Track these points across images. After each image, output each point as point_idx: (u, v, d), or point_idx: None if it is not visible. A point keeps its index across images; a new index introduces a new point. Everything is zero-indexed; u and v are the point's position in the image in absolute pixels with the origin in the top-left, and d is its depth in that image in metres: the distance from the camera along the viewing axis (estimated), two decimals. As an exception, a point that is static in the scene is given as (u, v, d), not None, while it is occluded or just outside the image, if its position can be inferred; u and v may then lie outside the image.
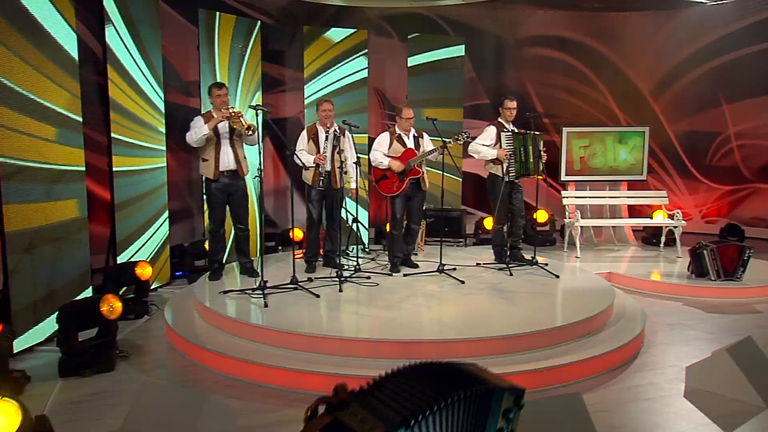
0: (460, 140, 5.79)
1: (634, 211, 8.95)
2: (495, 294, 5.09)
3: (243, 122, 5.10)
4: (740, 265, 6.15)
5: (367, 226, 7.80)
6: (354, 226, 7.21)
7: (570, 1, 10.00)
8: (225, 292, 5.01)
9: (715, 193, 9.95)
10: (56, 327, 4.08)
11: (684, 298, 6.02)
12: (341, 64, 7.76)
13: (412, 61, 8.30)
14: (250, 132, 5.08)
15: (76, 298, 4.61)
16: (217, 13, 6.74)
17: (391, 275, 5.72)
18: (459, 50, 8.56)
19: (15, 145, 4.22)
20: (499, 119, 6.17)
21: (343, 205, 6.02)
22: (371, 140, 6.27)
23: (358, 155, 6.02)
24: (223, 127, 5.29)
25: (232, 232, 5.81)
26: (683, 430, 3.32)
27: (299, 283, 5.07)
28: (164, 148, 6.23)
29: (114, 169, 5.51)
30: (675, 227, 7.51)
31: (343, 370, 3.72)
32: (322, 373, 3.70)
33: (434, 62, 8.36)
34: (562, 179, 8.43)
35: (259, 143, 5.10)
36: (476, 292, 5.15)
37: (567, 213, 7.65)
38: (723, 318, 5.39)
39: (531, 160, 6.02)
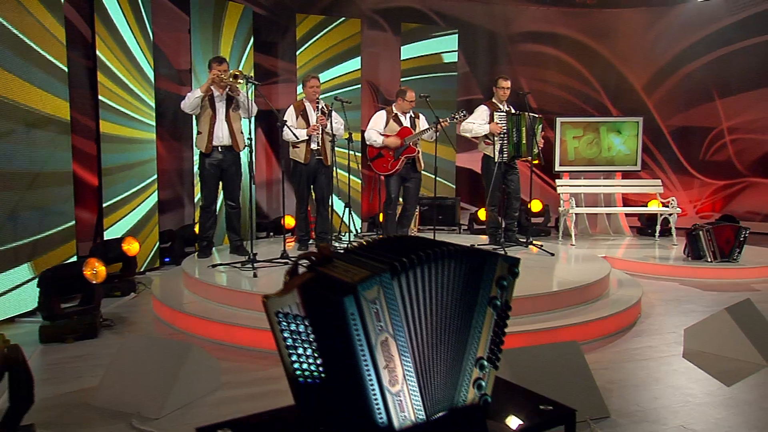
0: (456, 118, 5.74)
1: (628, 203, 8.90)
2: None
3: (230, 76, 5.03)
4: (736, 246, 6.09)
5: (359, 217, 7.72)
6: (346, 213, 7.12)
7: (562, -2, 10.08)
8: (214, 266, 4.91)
9: (709, 188, 9.93)
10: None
11: (680, 279, 5.94)
12: (334, 55, 7.73)
13: (406, 52, 8.29)
14: (239, 80, 4.99)
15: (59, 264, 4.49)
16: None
17: (383, 254, 5.63)
18: (452, 41, 8.56)
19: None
20: (493, 99, 6.13)
21: (333, 185, 5.94)
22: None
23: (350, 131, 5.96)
24: (220, 100, 5.23)
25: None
26: (682, 384, 3.23)
27: (290, 258, 4.97)
28: (154, 137, 6.16)
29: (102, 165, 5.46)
30: (670, 215, 7.46)
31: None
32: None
33: (427, 56, 8.34)
34: (556, 169, 8.38)
35: (250, 109, 5.05)
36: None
37: (561, 201, 7.59)
38: (720, 295, 5.30)
39: (524, 141, 5.96)
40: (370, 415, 1.22)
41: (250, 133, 4.79)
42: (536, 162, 6.12)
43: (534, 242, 5.98)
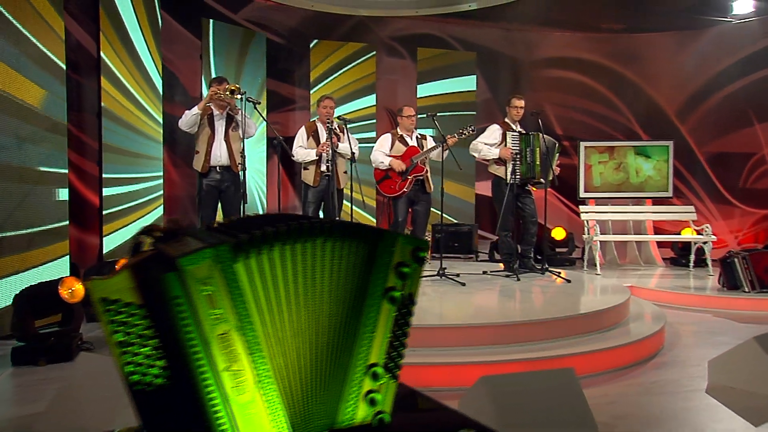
0: (463, 134, 5.48)
1: (660, 232, 8.38)
2: (498, 292, 4.66)
3: (227, 90, 4.88)
4: (777, 274, 5.57)
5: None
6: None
7: (588, 23, 9.81)
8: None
9: (751, 218, 9.30)
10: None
11: (714, 310, 5.44)
12: (351, 91, 7.60)
13: (424, 90, 8.12)
14: (236, 95, 4.84)
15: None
16: (225, 25, 6.75)
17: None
18: (470, 65, 8.36)
19: None
20: (506, 119, 5.85)
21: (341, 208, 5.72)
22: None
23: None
24: (220, 119, 5.12)
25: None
26: (701, 423, 2.80)
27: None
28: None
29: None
30: (705, 243, 6.95)
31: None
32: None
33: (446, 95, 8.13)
34: (581, 196, 7.98)
35: (244, 127, 4.93)
36: (478, 291, 4.73)
37: (586, 229, 7.17)
38: (758, 327, 4.79)
39: (538, 163, 5.64)
40: (211, 433, 0.94)
41: (242, 151, 4.62)
42: (549, 186, 5.82)
43: (551, 269, 5.60)
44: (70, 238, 4.89)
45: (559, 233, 7.72)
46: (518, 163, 5.63)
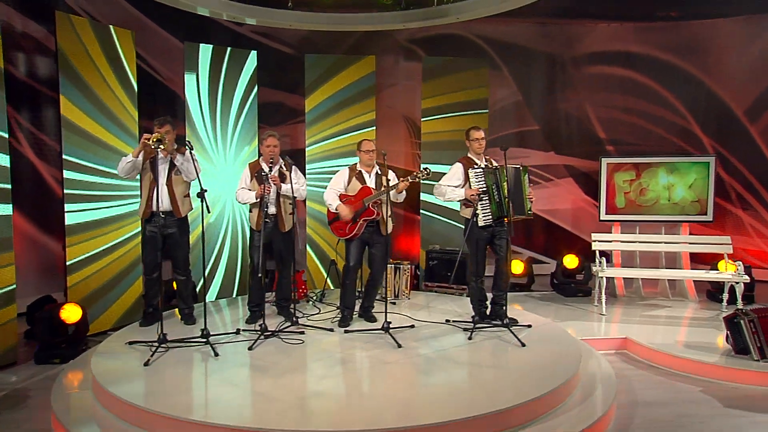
0: (417, 178, 5.02)
1: (699, 261, 7.30)
2: (425, 365, 4.19)
3: (154, 140, 4.72)
4: (798, 342, 4.62)
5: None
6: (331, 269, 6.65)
7: (639, 12, 8.66)
8: (131, 343, 4.67)
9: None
10: None
11: (709, 381, 4.62)
12: (346, 97, 7.22)
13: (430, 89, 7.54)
14: (160, 145, 4.70)
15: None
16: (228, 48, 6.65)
17: (331, 330, 5.04)
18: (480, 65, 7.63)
19: None
20: (468, 154, 5.27)
21: (296, 248, 5.45)
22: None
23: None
24: (164, 163, 5.01)
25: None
26: None
27: (209, 338, 4.57)
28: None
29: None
30: (737, 283, 5.95)
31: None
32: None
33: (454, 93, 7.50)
34: (602, 218, 7.13)
35: (186, 172, 4.93)
36: (404, 360, 4.29)
37: (597, 260, 6.39)
38: (749, 418, 3.97)
39: (507, 199, 5.03)
40: None
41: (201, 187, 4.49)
42: (530, 216, 5.23)
43: (515, 326, 5.06)
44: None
45: (572, 262, 6.96)
46: (486, 202, 5.06)
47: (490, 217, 5.08)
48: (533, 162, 8.90)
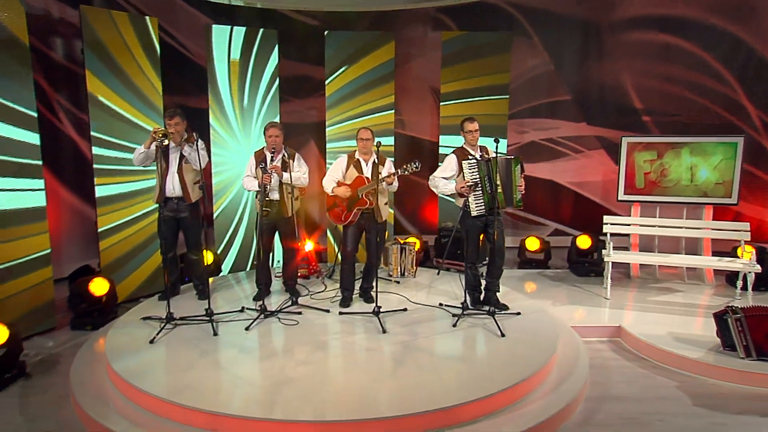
0: (407, 171, 5.15)
1: (720, 245, 7.06)
2: (401, 354, 4.44)
3: (160, 134, 5.07)
4: (785, 344, 4.54)
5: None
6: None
7: (684, -29, 8.12)
8: (145, 318, 5.19)
9: None
10: None
11: (689, 376, 4.65)
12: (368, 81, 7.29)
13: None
14: (165, 140, 5.05)
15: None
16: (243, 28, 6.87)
17: (327, 311, 5.38)
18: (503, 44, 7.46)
19: None
20: (463, 145, 5.32)
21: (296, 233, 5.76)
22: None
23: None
24: (175, 152, 5.38)
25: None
26: None
27: (212, 316, 5.01)
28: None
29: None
30: (748, 272, 5.80)
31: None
32: None
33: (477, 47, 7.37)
34: (620, 198, 7.00)
35: (193, 161, 5.25)
36: (384, 348, 4.56)
37: (607, 243, 6.35)
38: (710, 419, 4.03)
39: (500, 191, 5.10)
40: None
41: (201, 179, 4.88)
42: (520, 207, 5.29)
43: (499, 312, 5.23)
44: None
45: (584, 242, 6.93)
46: (479, 193, 5.16)
47: (483, 207, 5.18)
48: (563, 133, 8.73)
